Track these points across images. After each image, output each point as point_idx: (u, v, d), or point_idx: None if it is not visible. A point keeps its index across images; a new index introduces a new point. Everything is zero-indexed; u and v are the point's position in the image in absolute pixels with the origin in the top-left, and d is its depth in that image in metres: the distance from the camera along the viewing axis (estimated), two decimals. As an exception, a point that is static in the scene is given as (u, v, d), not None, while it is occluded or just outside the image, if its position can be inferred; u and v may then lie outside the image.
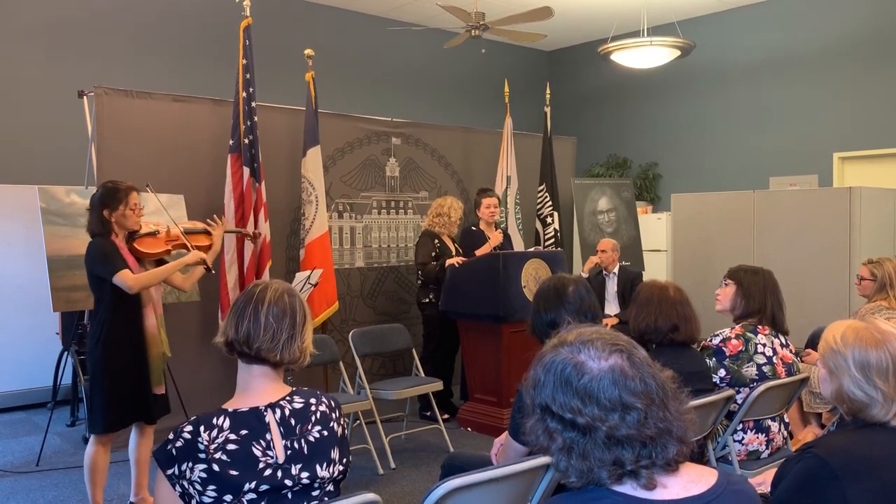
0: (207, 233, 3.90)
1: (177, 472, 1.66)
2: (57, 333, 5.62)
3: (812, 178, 8.25)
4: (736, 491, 1.27)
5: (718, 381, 3.08)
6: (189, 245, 3.72)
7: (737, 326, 3.19)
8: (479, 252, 5.41)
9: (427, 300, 5.48)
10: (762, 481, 2.16)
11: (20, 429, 5.41)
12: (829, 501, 1.58)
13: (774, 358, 3.14)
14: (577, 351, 1.25)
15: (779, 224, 6.23)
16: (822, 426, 4.26)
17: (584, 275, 6.05)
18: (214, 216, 4.00)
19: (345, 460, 1.87)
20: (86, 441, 4.95)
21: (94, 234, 3.46)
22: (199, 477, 1.66)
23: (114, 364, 3.41)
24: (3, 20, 6.54)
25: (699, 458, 2.99)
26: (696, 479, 1.26)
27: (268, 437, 1.74)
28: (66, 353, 5.41)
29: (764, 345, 3.13)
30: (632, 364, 1.23)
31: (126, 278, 3.35)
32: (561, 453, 1.24)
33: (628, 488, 1.21)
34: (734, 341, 3.11)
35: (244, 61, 4.89)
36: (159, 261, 3.66)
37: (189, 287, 3.93)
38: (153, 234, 3.65)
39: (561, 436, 1.23)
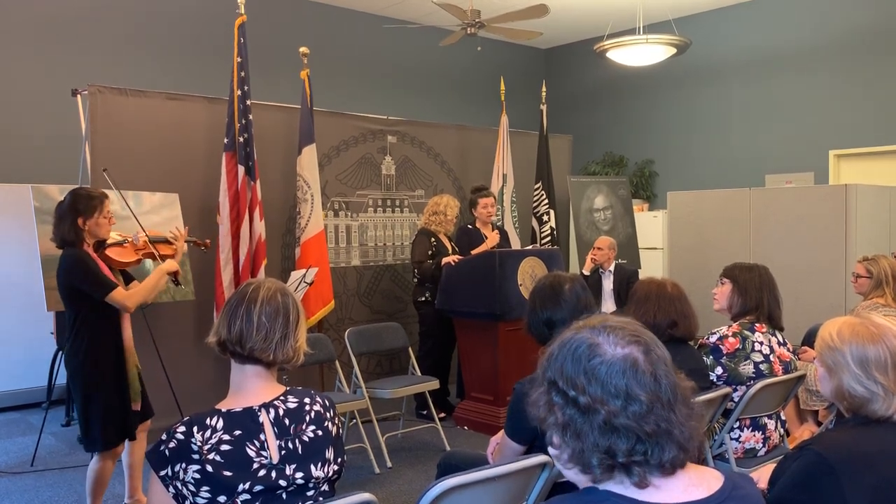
0: (169, 242, 3.72)
1: (170, 474, 1.65)
2: (51, 333, 5.59)
3: (808, 175, 8.26)
4: (741, 496, 1.23)
5: (715, 379, 3.07)
6: (157, 254, 3.59)
7: (734, 324, 3.18)
8: (475, 252, 5.39)
9: (423, 298, 5.47)
10: (757, 478, 2.15)
11: (14, 429, 5.39)
12: (827, 497, 1.57)
13: (771, 356, 3.13)
14: (597, 334, 1.24)
15: (775, 222, 6.22)
16: (819, 423, 4.26)
17: (586, 273, 6.05)
18: (176, 227, 3.83)
19: (339, 460, 1.85)
20: (80, 441, 4.94)
21: (66, 242, 3.25)
22: (192, 478, 1.64)
23: (104, 382, 3.30)
24: (-4, 18, 6.52)
25: (696, 456, 2.98)
26: (698, 482, 1.22)
27: (262, 437, 1.73)
28: (60, 352, 5.38)
29: (761, 343, 3.13)
30: (648, 359, 1.21)
31: (121, 298, 3.23)
32: (556, 428, 1.22)
33: (623, 489, 1.18)
34: (731, 339, 3.10)
35: (239, 59, 4.87)
36: (122, 271, 3.52)
37: (152, 298, 3.63)
38: (120, 244, 3.50)
39: (561, 411, 1.21)
